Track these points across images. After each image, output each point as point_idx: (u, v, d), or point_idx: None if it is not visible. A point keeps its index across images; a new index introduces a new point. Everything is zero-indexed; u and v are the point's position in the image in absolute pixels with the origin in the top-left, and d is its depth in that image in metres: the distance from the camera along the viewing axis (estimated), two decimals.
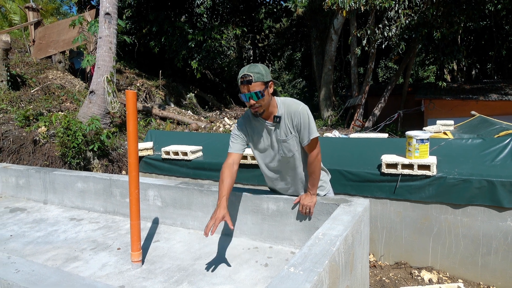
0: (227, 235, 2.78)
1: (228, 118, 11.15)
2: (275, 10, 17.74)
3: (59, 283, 1.47)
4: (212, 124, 9.95)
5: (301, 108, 2.24)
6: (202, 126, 9.63)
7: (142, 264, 2.38)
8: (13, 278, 1.52)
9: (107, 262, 2.44)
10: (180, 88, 14.77)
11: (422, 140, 3.41)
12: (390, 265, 3.61)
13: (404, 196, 3.47)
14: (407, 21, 9.52)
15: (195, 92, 14.79)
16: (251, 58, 23.01)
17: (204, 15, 14.13)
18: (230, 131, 9.10)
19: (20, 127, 6.61)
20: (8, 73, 8.64)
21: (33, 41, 11.58)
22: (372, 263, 3.61)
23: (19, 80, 9.17)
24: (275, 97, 2.30)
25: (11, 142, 6.27)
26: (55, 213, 3.52)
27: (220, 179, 2.32)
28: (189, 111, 11.87)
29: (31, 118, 6.90)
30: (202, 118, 10.89)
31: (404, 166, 3.47)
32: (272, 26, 19.89)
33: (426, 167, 3.37)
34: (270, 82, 2.19)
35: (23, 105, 7.91)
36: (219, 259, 2.42)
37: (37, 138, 6.28)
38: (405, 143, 3.61)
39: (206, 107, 14.43)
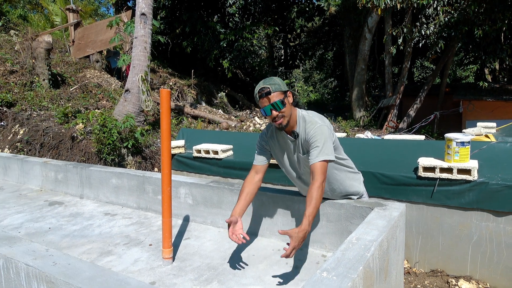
0: (256, 235, 2.76)
1: (258, 117, 11.14)
2: (307, 9, 17.56)
3: (94, 277, 1.50)
4: (243, 123, 9.98)
5: (318, 126, 2.09)
6: (233, 125, 9.68)
7: (173, 261, 2.41)
8: (51, 270, 1.56)
9: (139, 258, 2.48)
10: (211, 87, 14.94)
11: (462, 143, 3.24)
12: (425, 273, 3.46)
13: (442, 201, 3.32)
14: (446, 19, 9.12)
15: (226, 91, 14.91)
16: (282, 57, 22.92)
17: (236, 14, 14.21)
18: (261, 130, 9.09)
19: (60, 124, 6.90)
20: (50, 72, 9.06)
21: (73, 41, 12.07)
22: (406, 269, 3.48)
23: (59, 78, 9.59)
24: (297, 109, 2.21)
25: (51, 138, 6.56)
26: (91, 207, 3.63)
27: (241, 190, 2.33)
28: (220, 110, 11.98)
29: (70, 115, 7.19)
30: (233, 117, 10.96)
31: (443, 170, 3.31)
32: (304, 25, 19.71)
33: (467, 171, 3.20)
34: (288, 92, 2.13)
35: (62, 102, 8.26)
36: (249, 259, 2.40)
37: (75, 135, 6.52)
38: (444, 146, 3.45)
39: (237, 106, 14.51)
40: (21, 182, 4.60)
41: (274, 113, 2.07)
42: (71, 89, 9.22)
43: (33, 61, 9.23)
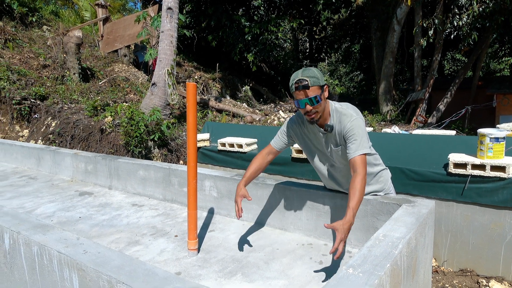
0: (280, 229, 2.75)
1: (282, 111, 11.09)
2: (333, 1, 17.23)
3: (122, 266, 1.53)
4: (267, 117, 9.96)
5: (354, 120, 2.07)
6: (257, 119, 9.67)
7: (198, 252, 2.44)
8: (82, 258, 1.62)
9: (165, 248, 2.53)
10: (236, 80, 14.97)
11: (497, 139, 3.11)
12: (454, 272, 3.36)
13: (473, 199, 3.20)
14: (480, 9, 8.74)
15: (251, 85, 14.90)
16: (307, 50, 22.64)
17: (261, 7, 14.11)
18: None
19: (89, 117, 7.10)
20: (80, 66, 9.33)
21: (102, 36, 12.37)
22: (434, 268, 3.39)
23: (89, 72, 9.86)
24: (329, 102, 2.17)
25: (81, 130, 6.77)
26: (119, 198, 3.73)
27: (250, 162, 2.39)
28: (244, 104, 12.00)
29: (99, 108, 7.39)
30: (257, 111, 10.95)
31: (475, 166, 3.19)
32: (330, 18, 19.36)
33: (501, 168, 3.07)
34: (325, 86, 2.07)
35: (92, 96, 8.50)
36: (273, 253, 2.40)
37: (104, 127, 6.70)
38: (476, 142, 3.32)
39: (261, 100, 14.48)
40: (53, 172, 4.78)
41: (309, 107, 2.03)
42: (100, 83, 9.47)
43: (64, 55, 9.52)
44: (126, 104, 7.75)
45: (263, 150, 2.43)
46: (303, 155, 4.26)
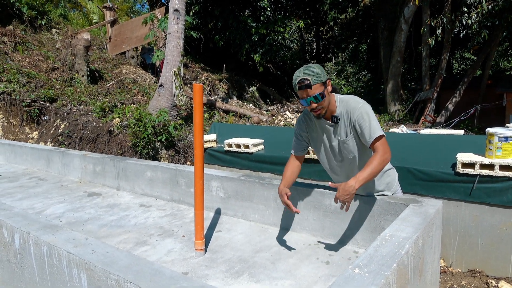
0: (287, 230, 2.76)
1: (289, 111, 11.08)
2: (340, 0, 17.18)
3: (130, 266, 1.55)
4: (274, 117, 9.96)
5: (361, 106, 2.10)
6: (264, 120, 9.68)
7: (205, 252, 2.45)
8: (90, 258, 1.64)
9: (172, 249, 2.55)
10: (242, 81, 15.00)
11: (506, 138, 3.07)
12: (462, 272, 3.33)
13: (482, 199, 3.17)
14: (489, 7, 8.63)
15: (257, 85, 14.92)
16: (314, 50, 22.59)
17: (268, 8, 14.13)
18: (292, 125, 9.04)
19: (98, 118, 7.18)
20: (88, 68, 9.43)
21: (110, 38, 12.49)
22: (442, 268, 3.37)
23: (97, 74, 9.96)
24: (334, 94, 2.20)
25: (89, 132, 6.84)
26: (127, 199, 3.76)
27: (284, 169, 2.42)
28: (251, 105, 12.01)
29: (107, 110, 7.46)
30: (264, 112, 10.96)
31: (483, 166, 3.16)
32: (337, 17, 19.30)
33: (510, 168, 3.04)
34: (328, 80, 2.10)
35: (100, 98, 8.59)
36: (280, 253, 2.40)
37: (112, 129, 6.77)
38: (484, 141, 3.29)
39: (268, 100, 14.49)
40: (62, 173, 4.84)
41: (314, 105, 2.07)
42: (108, 85, 9.56)
43: (73, 58, 9.64)
44: (134, 106, 7.81)
45: (289, 160, 2.46)
46: (310, 155, 4.25)
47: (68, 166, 4.73)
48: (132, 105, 8.11)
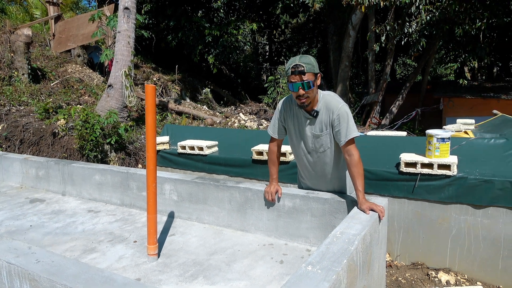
0: (242, 231, 2.77)
1: (243, 113, 11.14)
2: (292, 5, 17.57)
3: (79, 274, 1.48)
4: (227, 119, 9.96)
5: (341, 106, 2.23)
6: (217, 121, 9.65)
7: (158, 257, 2.40)
8: (34, 268, 1.54)
9: (124, 255, 2.46)
10: (196, 83, 14.82)
11: (443, 139, 3.32)
12: (406, 266, 3.55)
13: (423, 196, 3.40)
14: (428, 17, 9.28)
15: (211, 87, 14.82)
16: (267, 53, 22.88)
17: (221, 10, 14.09)
18: (245, 126, 9.09)
19: (40, 120, 6.74)
20: (29, 66, 8.82)
21: (53, 35, 11.78)
22: (388, 262, 3.56)
23: (39, 73, 9.35)
24: (319, 90, 2.31)
25: (31, 134, 6.41)
26: (73, 204, 3.58)
27: (269, 160, 2.57)
28: (204, 106, 11.91)
29: (51, 111, 7.03)
30: (218, 113, 10.92)
31: (424, 165, 3.39)
32: (289, 22, 19.70)
33: (447, 166, 3.29)
34: (319, 74, 2.21)
35: (43, 98, 8.07)
36: (235, 254, 2.42)
37: (56, 131, 6.39)
38: (424, 142, 3.53)
39: (222, 102, 14.45)
40: (0, 179, 4.49)
41: (301, 91, 2.15)
42: (51, 84, 9.01)
43: (12, 54, 8.97)
44: (81, 107, 7.44)
45: (270, 146, 2.55)
46: (264, 157, 4.31)
47: (7, 171, 4.40)
48: (78, 105, 7.72)
